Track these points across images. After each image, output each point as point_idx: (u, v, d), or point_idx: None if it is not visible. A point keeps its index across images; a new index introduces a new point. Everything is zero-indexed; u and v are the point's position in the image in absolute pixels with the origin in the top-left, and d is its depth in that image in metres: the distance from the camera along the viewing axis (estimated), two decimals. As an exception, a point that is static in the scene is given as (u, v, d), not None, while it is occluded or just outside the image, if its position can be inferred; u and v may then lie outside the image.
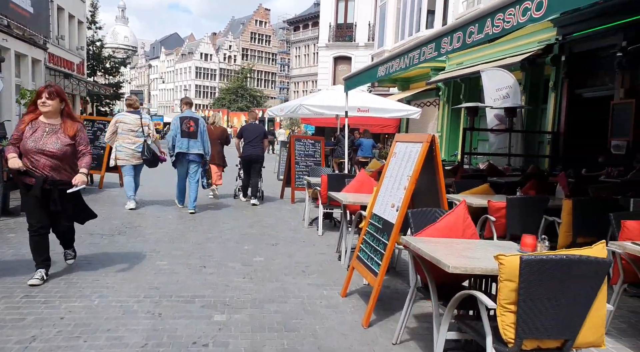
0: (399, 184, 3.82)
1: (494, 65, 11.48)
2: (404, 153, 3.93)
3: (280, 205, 9.74)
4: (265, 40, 77.52)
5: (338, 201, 5.36)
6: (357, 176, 5.95)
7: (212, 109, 62.52)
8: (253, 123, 9.84)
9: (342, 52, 27.88)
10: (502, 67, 11.16)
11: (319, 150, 10.56)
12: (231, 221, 7.65)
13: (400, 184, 3.78)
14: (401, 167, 3.91)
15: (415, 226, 3.30)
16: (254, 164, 9.29)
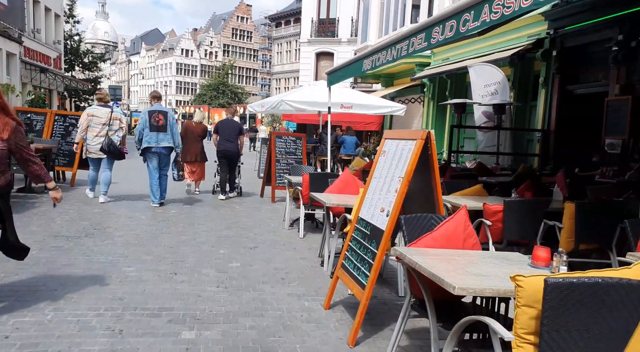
0: (389, 186, 3.43)
1: (482, 61, 11.20)
2: (395, 152, 3.55)
3: (260, 204, 9.31)
4: (246, 37, 76.72)
5: (321, 203, 4.96)
6: (341, 176, 5.57)
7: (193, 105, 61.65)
8: (229, 119, 9.89)
9: (325, 48, 27.45)
10: (491, 62, 10.89)
11: (300, 147, 10.15)
12: (208, 222, 7.20)
13: (391, 186, 3.40)
14: (391, 167, 3.53)
15: (408, 234, 2.92)
16: (229, 160, 9.43)
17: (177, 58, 73.57)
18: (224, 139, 9.33)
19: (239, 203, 9.27)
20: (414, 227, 2.97)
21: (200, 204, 8.88)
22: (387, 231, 3.21)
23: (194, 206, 8.55)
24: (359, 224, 3.76)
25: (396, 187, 3.32)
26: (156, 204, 8.20)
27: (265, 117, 42.20)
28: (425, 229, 2.96)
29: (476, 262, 2.46)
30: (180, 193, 9.95)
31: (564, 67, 9.54)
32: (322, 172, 7.03)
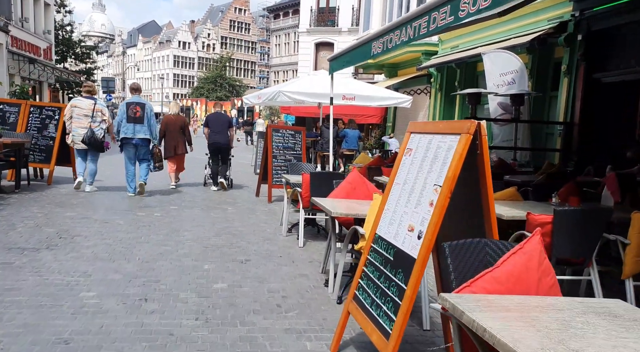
0: (420, 196, 2.55)
1: (498, 47, 10.28)
2: (427, 150, 2.66)
3: (255, 205, 8.43)
4: (244, 29, 75.68)
5: (325, 211, 4.09)
6: (349, 177, 4.68)
7: (190, 98, 60.74)
8: (219, 112, 10.04)
9: (324, 37, 26.46)
10: (507, 49, 9.97)
11: (299, 142, 9.25)
12: (194, 228, 6.32)
13: (423, 197, 2.52)
14: (422, 170, 2.65)
15: (456, 270, 2.04)
16: (220, 152, 9.55)
17: (174, 50, 72.48)
18: (214, 132, 9.44)
19: (231, 204, 8.40)
20: (462, 259, 2.10)
21: (188, 204, 8.00)
22: (421, 261, 2.34)
23: (181, 208, 7.66)
24: (377, 244, 2.88)
25: (431, 199, 2.44)
26: (132, 194, 8.38)
27: (263, 109, 41.30)
28: (479, 261, 2.08)
29: (573, 323, 1.58)
30: (169, 192, 9.09)
31: (591, 53, 8.63)
32: (324, 172, 6.14)
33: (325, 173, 5.72)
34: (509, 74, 9.92)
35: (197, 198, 8.75)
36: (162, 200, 8.28)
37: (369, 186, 4.56)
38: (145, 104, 8.30)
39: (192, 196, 8.91)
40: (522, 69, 9.68)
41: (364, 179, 4.64)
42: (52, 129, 9.32)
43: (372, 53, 6.23)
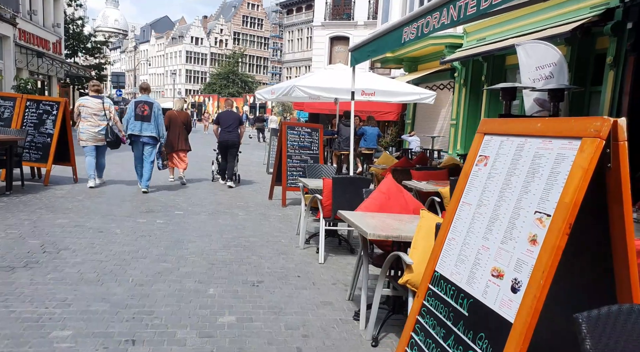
0: (512, 227, 1.77)
1: (533, 38, 9.40)
2: (517, 160, 1.87)
3: (267, 209, 7.68)
4: (257, 24, 75.10)
5: (359, 231, 3.29)
6: (382, 185, 3.88)
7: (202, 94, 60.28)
8: (229, 110, 10.09)
9: (340, 31, 25.60)
10: (544, 39, 9.08)
11: (316, 141, 8.48)
12: (199, 238, 5.58)
13: (516, 229, 1.73)
14: (509, 189, 1.86)
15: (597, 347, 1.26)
16: (230, 149, 9.67)
17: (187, 46, 72.07)
18: (225, 130, 9.49)
19: (242, 208, 7.66)
20: (605, 330, 1.31)
21: (195, 209, 7.28)
22: (522, 327, 1.55)
23: (187, 213, 6.94)
24: (438, 287, 2.10)
25: (532, 232, 1.65)
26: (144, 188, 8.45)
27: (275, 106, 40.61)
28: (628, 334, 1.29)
29: None
30: (175, 193, 8.38)
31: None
32: (349, 177, 5.33)
33: (350, 178, 4.94)
34: (547, 67, 9.04)
35: (205, 201, 8.02)
36: (167, 203, 7.57)
37: (407, 197, 3.77)
38: (153, 103, 8.47)
39: (200, 199, 8.19)
40: (562, 61, 8.78)
41: (400, 188, 3.86)
42: (49, 125, 8.66)
43: (403, 40, 5.43)
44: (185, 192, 8.85)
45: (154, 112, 8.35)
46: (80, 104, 8.33)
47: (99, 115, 8.33)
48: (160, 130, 8.44)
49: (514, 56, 11.68)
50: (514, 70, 11.89)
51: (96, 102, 8.35)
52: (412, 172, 6.16)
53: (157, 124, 8.38)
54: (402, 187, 3.88)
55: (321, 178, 5.85)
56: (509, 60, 11.85)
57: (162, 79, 75.58)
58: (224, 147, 9.60)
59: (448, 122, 14.19)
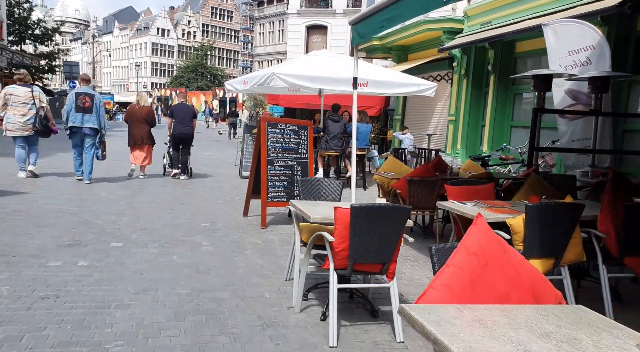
0: None
1: (563, 17, 7.79)
2: None
3: (242, 234, 5.79)
4: (227, 16, 72.77)
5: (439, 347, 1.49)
6: (471, 240, 2.01)
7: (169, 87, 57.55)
8: (183, 103, 10.11)
9: (316, 20, 23.71)
10: (578, 18, 7.48)
11: (305, 142, 6.62)
12: (138, 299, 3.66)
13: None
14: None
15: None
16: (183, 142, 9.64)
17: (153, 38, 68.93)
18: (179, 123, 9.47)
19: (208, 231, 5.75)
20: None
21: (141, 236, 5.33)
22: None
23: (129, 245, 4.99)
24: None
25: None
26: (84, 180, 8.48)
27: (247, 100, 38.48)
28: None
29: None
30: (120, 207, 6.39)
31: None
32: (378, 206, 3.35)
33: (379, 208, 3.07)
34: (582, 52, 7.41)
35: (157, 221, 6.07)
36: (104, 227, 5.60)
37: (516, 261, 1.97)
38: (94, 94, 8.45)
39: (151, 218, 6.23)
40: (603, 44, 7.17)
41: (504, 244, 2.04)
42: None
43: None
44: (134, 205, 6.88)
45: (96, 103, 8.33)
46: (7, 92, 8.21)
47: (28, 104, 8.23)
48: (102, 122, 8.45)
49: (527, 42, 10.10)
50: (524, 58, 10.31)
51: (25, 91, 8.25)
52: (448, 188, 4.40)
53: (98, 115, 8.36)
54: (506, 242, 2.07)
55: (324, 201, 4.03)
56: (520, 46, 10.26)
57: (126, 71, 72.13)
58: (179, 140, 9.55)
59: (445, 118, 12.55)
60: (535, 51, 9.79)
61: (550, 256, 3.51)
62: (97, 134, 8.41)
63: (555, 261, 3.52)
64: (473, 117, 11.41)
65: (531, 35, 9.46)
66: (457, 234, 4.36)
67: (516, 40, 10.18)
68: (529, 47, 10.00)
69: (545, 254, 3.48)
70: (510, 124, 10.38)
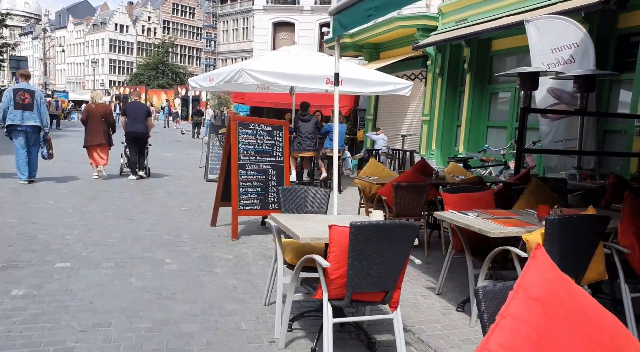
0: None
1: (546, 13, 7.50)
2: None
3: (211, 248, 5.16)
4: (189, 13, 71.15)
5: None
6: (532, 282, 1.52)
7: (128, 86, 55.54)
8: (136, 101, 9.93)
9: (283, 16, 23.07)
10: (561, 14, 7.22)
11: (280, 143, 6.04)
12: (83, 340, 3.02)
13: None
14: None
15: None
16: (139, 141, 9.44)
17: (110, 34, 66.48)
18: (132, 121, 9.26)
19: (172, 244, 5.10)
20: None
21: (94, 253, 4.63)
22: None
23: (78, 265, 4.30)
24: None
25: None
26: (24, 181, 8.07)
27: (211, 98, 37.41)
28: None
29: None
30: (71, 218, 5.63)
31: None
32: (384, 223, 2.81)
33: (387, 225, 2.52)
34: (566, 49, 7.15)
35: (113, 233, 5.37)
36: (50, 241, 4.87)
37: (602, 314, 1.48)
38: (35, 91, 8.14)
39: (107, 229, 5.52)
40: (587, 41, 6.92)
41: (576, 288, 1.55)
42: None
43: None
44: (86, 215, 6.13)
45: (36, 100, 7.97)
46: None
47: None
48: (44, 119, 8.12)
49: (503, 40, 9.81)
50: (501, 56, 10.04)
51: None
52: (445, 196, 3.92)
53: (40, 112, 8.03)
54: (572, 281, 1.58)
55: (311, 214, 3.48)
56: (496, 45, 9.99)
57: (82, 68, 69.32)
58: (133, 139, 9.34)
59: (419, 118, 12.20)
60: (511, 49, 9.55)
61: (571, 275, 3.07)
62: (40, 131, 8.09)
63: (575, 281, 3.09)
64: (448, 117, 11.10)
65: (508, 33, 9.20)
66: (457, 247, 3.89)
67: (492, 39, 9.91)
68: (505, 45, 9.75)
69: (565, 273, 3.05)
70: (486, 124, 10.10)
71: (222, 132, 10.89)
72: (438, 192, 5.32)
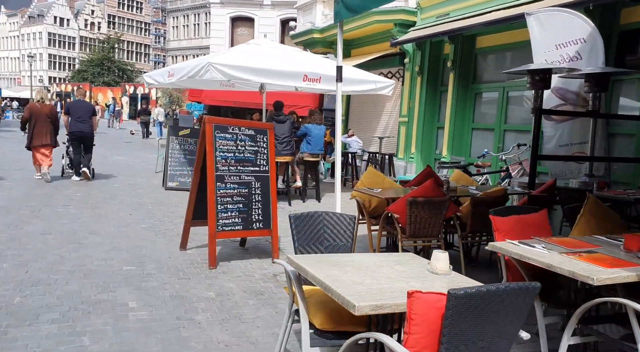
0: None
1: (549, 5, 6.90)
2: None
3: (185, 281, 4.12)
4: (136, 7, 68.29)
5: None
6: None
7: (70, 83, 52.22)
8: (80, 100, 9.64)
9: (242, 11, 21.88)
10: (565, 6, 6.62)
11: (264, 150, 5.04)
12: None
13: None
14: None
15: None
16: (84, 141, 9.06)
17: (49, 27, 62.51)
18: (76, 120, 8.91)
19: (135, 278, 4.02)
20: None
21: (33, 295, 3.51)
22: None
23: (8, 318, 3.18)
24: None
25: None
26: None
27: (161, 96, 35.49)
28: None
29: None
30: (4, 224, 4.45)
31: None
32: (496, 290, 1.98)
33: (497, 292, 1.69)
34: (571, 45, 6.52)
35: (56, 269, 4.22)
36: None
37: None
38: None
39: (49, 261, 4.36)
40: (595, 36, 6.31)
41: None
42: None
43: None
44: (22, 239, 4.92)
45: None
46: None
47: None
48: None
49: (489, 37, 9.22)
50: (485, 54, 9.45)
51: None
52: (497, 222, 3.09)
53: None
54: None
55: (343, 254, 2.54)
56: (481, 42, 9.38)
57: (17, 63, 64.81)
58: (78, 138, 8.95)
59: (395, 120, 11.47)
60: (498, 47, 8.97)
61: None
62: None
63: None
64: (428, 118, 10.41)
65: (494, 30, 8.62)
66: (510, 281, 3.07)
67: (477, 35, 9.30)
68: (491, 42, 9.14)
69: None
70: (471, 126, 9.47)
71: (182, 135, 9.76)
72: (458, 208, 4.52)
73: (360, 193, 5.01)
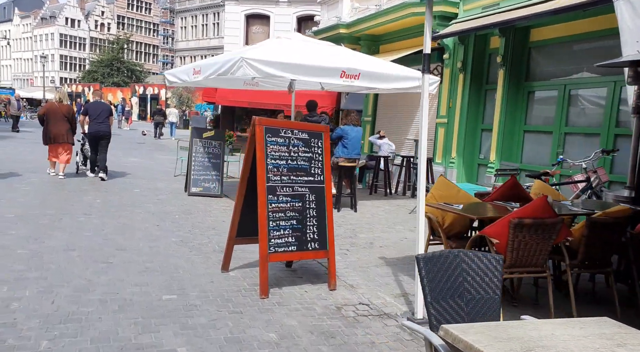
0: None
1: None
2: None
3: (238, 316, 3.40)
4: (144, 8, 68.03)
5: None
6: None
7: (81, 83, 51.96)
8: (98, 100, 9.64)
9: (257, 8, 21.19)
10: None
11: (319, 157, 4.31)
12: None
13: None
14: None
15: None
16: (101, 141, 9.22)
17: (61, 28, 62.34)
18: (95, 121, 9.05)
19: (179, 318, 3.31)
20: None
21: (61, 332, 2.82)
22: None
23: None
24: None
25: None
26: None
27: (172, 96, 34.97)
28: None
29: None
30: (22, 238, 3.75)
31: None
32: None
33: None
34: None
35: (86, 298, 3.52)
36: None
37: None
38: None
39: (75, 287, 3.67)
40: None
41: None
42: None
43: None
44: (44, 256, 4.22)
45: None
46: None
47: None
48: None
49: (546, 29, 8.31)
50: (541, 49, 8.60)
51: None
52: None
53: None
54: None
55: (475, 301, 1.82)
56: (536, 34, 8.53)
57: (30, 64, 64.73)
58: (95, 138, 9.17)
59: (432, 121, 10.71)
60: (557, 39, 8.10)
61: None
62: None
63: None
64: (471, 119, 9.64)
65: (553, 20, 7.82)
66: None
67: (531, 27, 8.51)
68: (549, 34, 8.28)
69: None
70: (523, 129, 8.67)
71: (206, 137, 9.07)
72: (570, 231, 3.75)
73: (434, 209, 4.26)
